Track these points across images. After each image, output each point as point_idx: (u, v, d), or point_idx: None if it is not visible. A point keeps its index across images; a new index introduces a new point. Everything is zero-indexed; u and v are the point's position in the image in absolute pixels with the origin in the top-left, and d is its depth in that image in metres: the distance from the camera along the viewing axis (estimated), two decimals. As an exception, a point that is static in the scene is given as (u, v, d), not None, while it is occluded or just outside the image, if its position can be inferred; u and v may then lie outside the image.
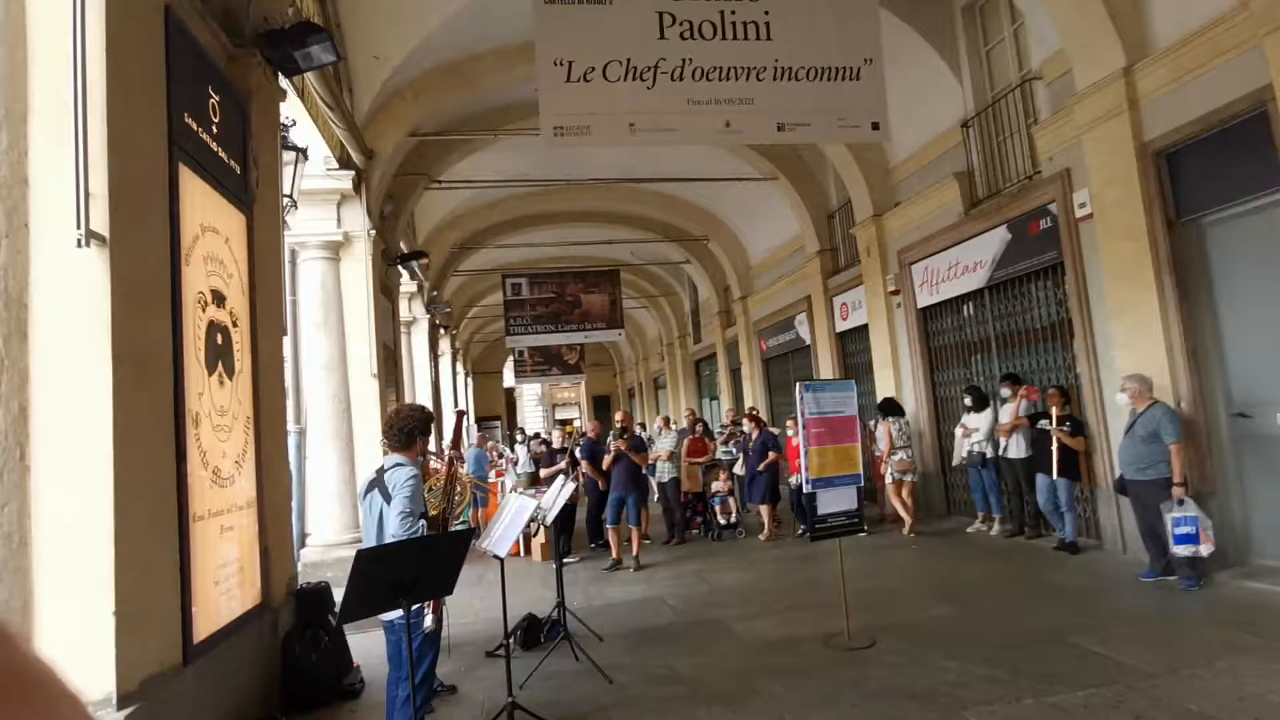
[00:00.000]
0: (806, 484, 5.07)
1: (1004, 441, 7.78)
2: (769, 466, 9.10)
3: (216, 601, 3.89)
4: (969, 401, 8.36)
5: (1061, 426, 6.88)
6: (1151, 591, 5.59)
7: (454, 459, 4.02)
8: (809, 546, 6.81)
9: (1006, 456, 7.80)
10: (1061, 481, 6.93)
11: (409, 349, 13.50)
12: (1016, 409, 7.62)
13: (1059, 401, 6.99)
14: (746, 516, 9.92)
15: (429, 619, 3.15)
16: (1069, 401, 7.16)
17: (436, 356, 16.23)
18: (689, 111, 6.04)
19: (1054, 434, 6.86)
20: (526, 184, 13.41)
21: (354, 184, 8.48)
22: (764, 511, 9.21)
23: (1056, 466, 6.87)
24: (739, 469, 9.69)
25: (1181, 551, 5.40)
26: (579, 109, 5.87)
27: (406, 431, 3.43)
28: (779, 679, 4.44)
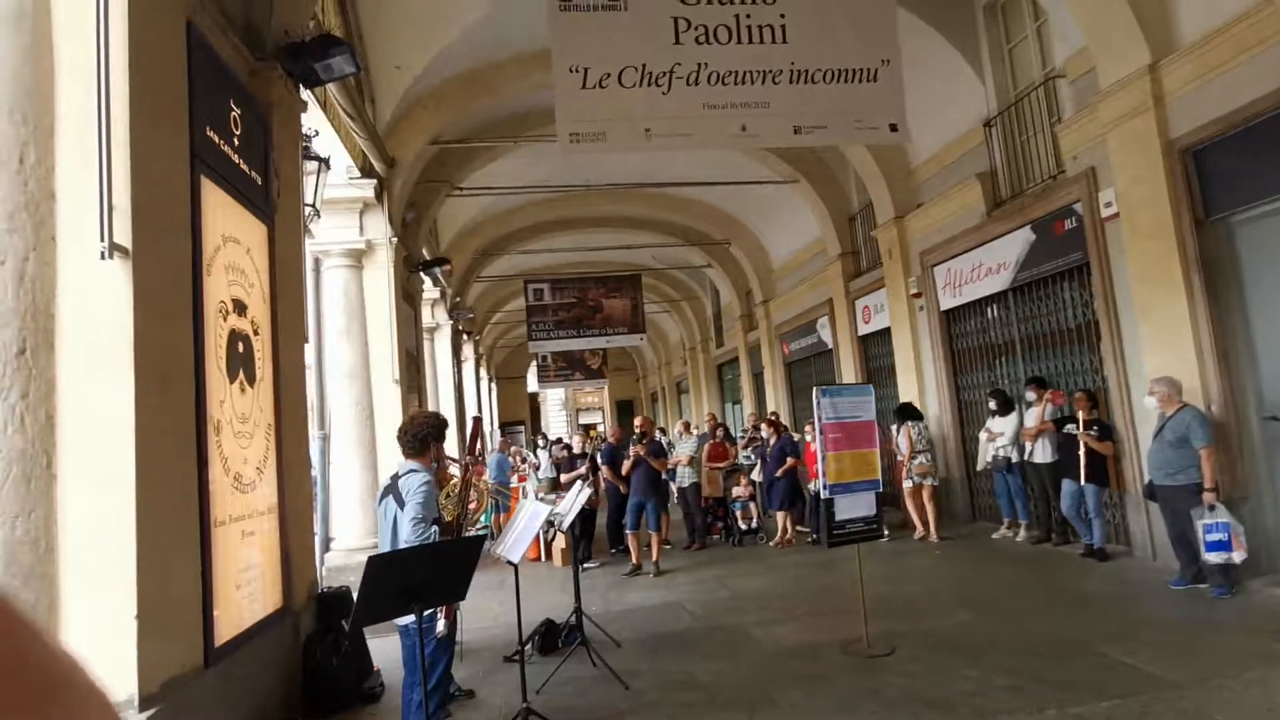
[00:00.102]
0: (824, 489, 5.03)
1: (1029, 446, 7.65)
2: (787, 472, 9.03)
3: (238, 605, 3.96)
4: (993, 405, 8.23)
5: (1089, 431, 6.74)
6: (1181, 599, 5.46)
7: (469, 465, 4.06)
8: (830, 552, 6.74)
9: (1032, 461, 7.66)
10: (1090, 487, 6.79)
11: (432, 355, 13.61)
12: (1042, 413, 7.47)
13: (1086, 405, 6.85)
14: (767, 522, 9.86)
15: (441, 624, 3.18)
16: (1096, 405, 7.02)
17: (460, 362, 16.36)
18: (704, 116, 6.03)
19: (1081, 439, 6.73)
20: (547, 190, 13.48)
21: (376, 192, 8.58)
22: (781, 518, 9.14)
23: (1084, 472, 6.73)
24: (757, 474, 9.63)
25: (1213, 558, 5.26)
26: (595, 115, 5.89)
27: (420, 438, 3.47)
28: (797, 686, 4.40)
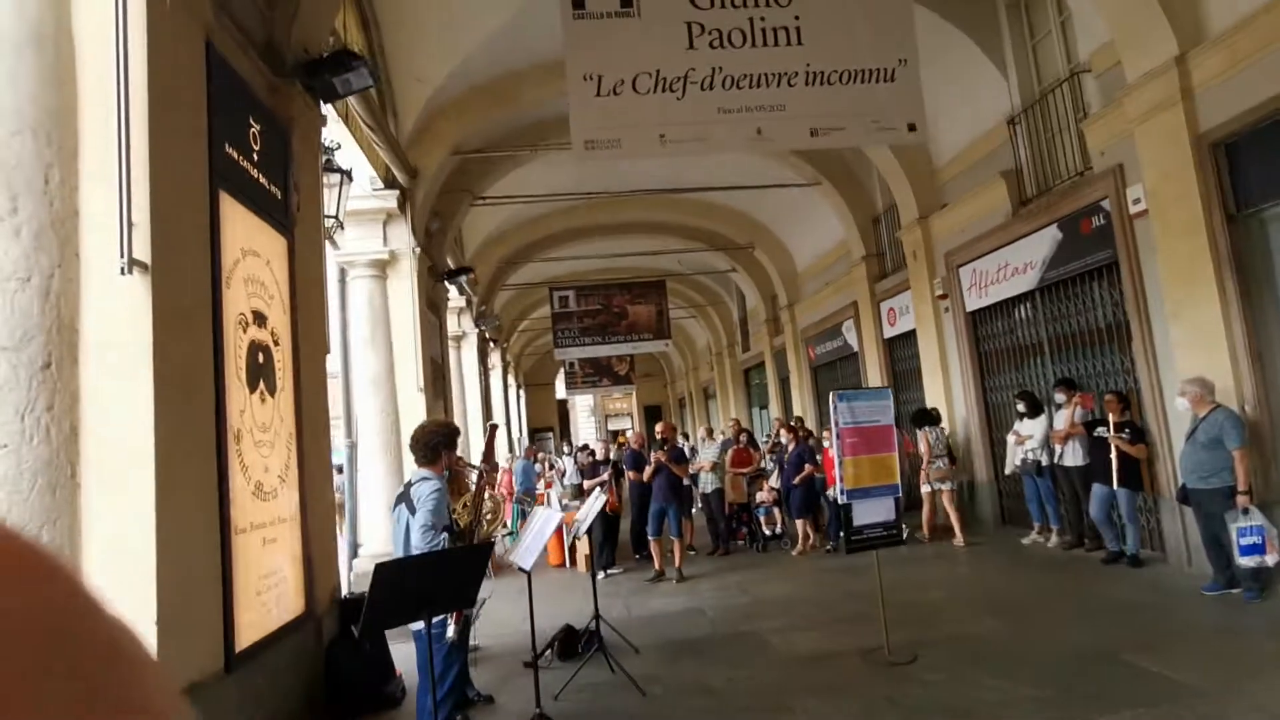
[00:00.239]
0: (841, 495, 4.97)
1: (1059, 449, 7.48)
2: (805, 480, 8.94)
3: (259, 611, 4.03)
4: (1022, 408, 8.07)
5: (1120, 434, 6.57)
6: (1213, 605, 5.29)
7: (484, 472, 4.10)
8: (854, 558, 6.64)
9: (1062, 464, 7.48)
10: (1123, 492, 6.61)
11: (458, 363, 13.75)
12: (1071, 415, 7.30)
13: (1116, 408, 6.68)
14: (791, 527, 9.77)
15: (451, 629, 3.21)
16: (1128, 407, 6.84)
17: (487, 370, 16.51)
18: (719, 120, 6.02)
19: (1112, 442, 6.56)
20: (570, 197, 13.55)
21: (399, 203, 8.71)
22: (800, 525, 9.05)
23: (1117, 476, 6.56)
24: (775, 480, 9.53)
25: (1247, 563, 5.09)
26: (609, 122, 5.91)
27: (431, 446, 3.51)
28: (814, 695, 4.35)
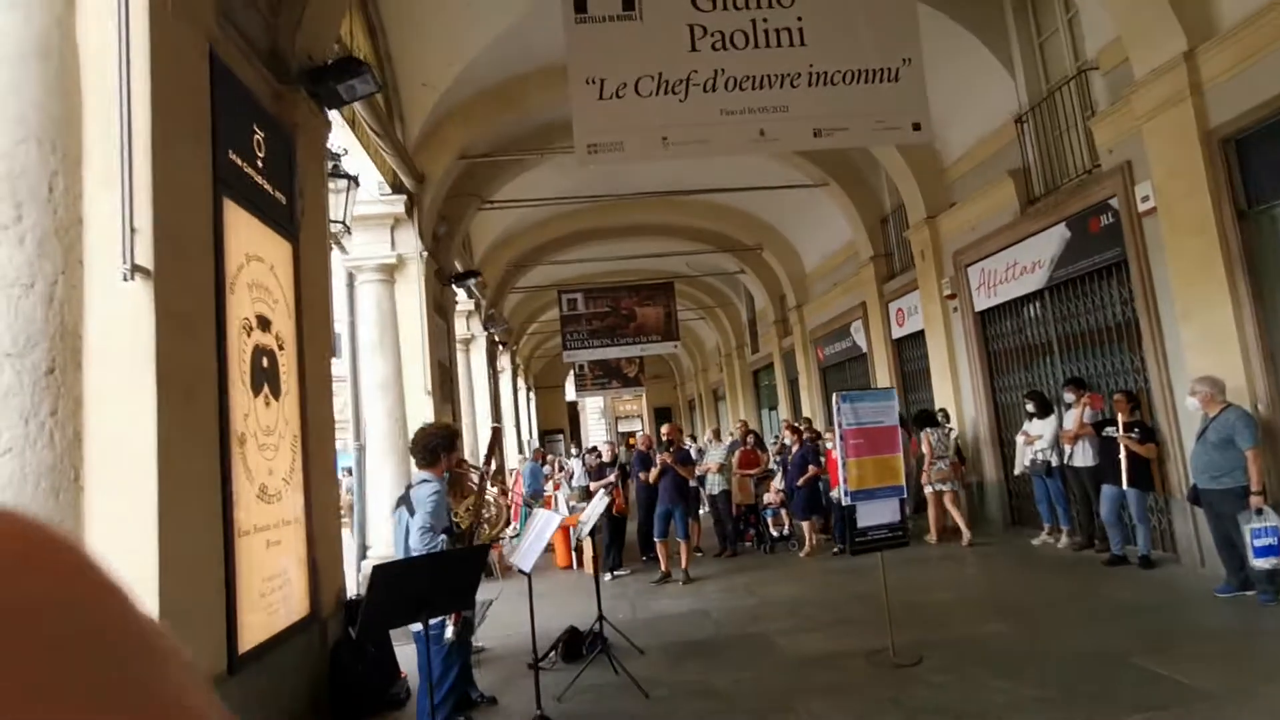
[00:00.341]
0: (845, 497, 4.95)
1: (1069, 449, 7.41)
2: (808, 481, 8.88)
3: (263, 613, 4.06)
4: (1031, 407, 8.00)
5: (1129, 433, 6.50)
6: (1226, 608, 5.22)
7: (484, 474, 4.11)
8: (861, 560, 6.62)
9: (1072, 465, 7.41)
10: (1132, 492, 6.53)
11: (467, 366, 13.80)
12: (1080, 415, 7.24)
13: (1125, 407, 6.61)
14: (799, 529, 9.73)
15: (449, 631, 3.22)
16: (1137, 407, 6.77)
17: (496, 372, 16.56)
18: (722, 122, 6.01)
19: (1121, 441, 6.49)
20: (577, 200, 13.59)
21: (406, 208, 8.76)
22: (805, 527, 9.00)
23: (1126, 476, 6.49)
24: (779, 482, 9.49)
25: (1261, 564, 5.02)
26: (612, 125, 5.92)
27: (430, 449, 3.53)
28: (818, 696, 4.33)
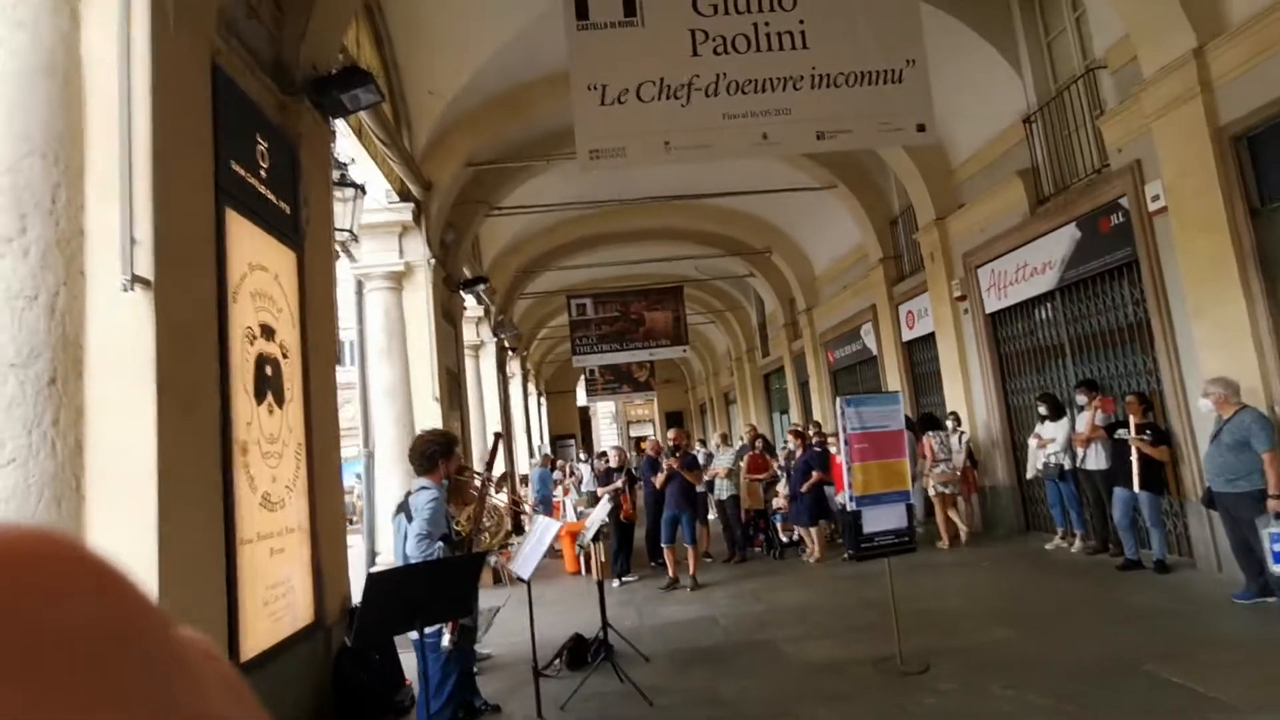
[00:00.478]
0: (850, 502, 4.90)
1: (1081, 452, 7.32)
2: (811, 487, 8.77)
3: (267, 621, 4.07)
4: (1043, 410, 7.91)
5: (1141, 435, 6.41)
6: (1245, 614, 5.12)
7: (485, 480, 4.10)
8: (871, 565, 6.54)
9: (1085, 468, 7.31)
10: (1145, 495, 6.43)
11: (477, 372, 13.83)
12: (1092, 418, 7.14)
13: (1138, 409, 6.52)
14: (805, 534, 9.64)
15: (446, 639, 3.21)
16: (1150, 408, 6.67)
17: (506, 378, 16.59)
18: (724, 126, 5.99)
19: (1133, 444, 6.40)
20: (585, 206, 13.61)
21: (414, 216, 8.80)
22: (810, 533, 8.92)
23: (1138, 479, 6.39)
24: (782, 487, 9.40)
25: None
26: (614, 131, 5.91)
27: (428, 455, 3.53)
28: (823, 704, 4.29)
